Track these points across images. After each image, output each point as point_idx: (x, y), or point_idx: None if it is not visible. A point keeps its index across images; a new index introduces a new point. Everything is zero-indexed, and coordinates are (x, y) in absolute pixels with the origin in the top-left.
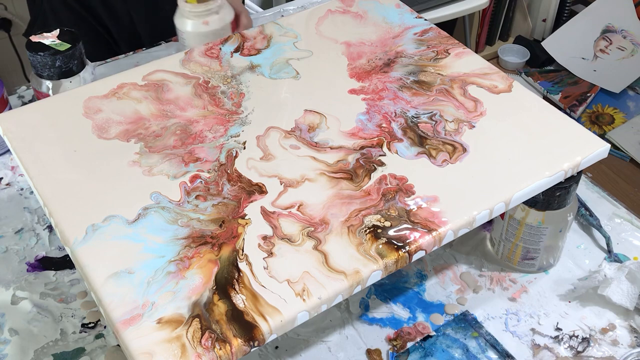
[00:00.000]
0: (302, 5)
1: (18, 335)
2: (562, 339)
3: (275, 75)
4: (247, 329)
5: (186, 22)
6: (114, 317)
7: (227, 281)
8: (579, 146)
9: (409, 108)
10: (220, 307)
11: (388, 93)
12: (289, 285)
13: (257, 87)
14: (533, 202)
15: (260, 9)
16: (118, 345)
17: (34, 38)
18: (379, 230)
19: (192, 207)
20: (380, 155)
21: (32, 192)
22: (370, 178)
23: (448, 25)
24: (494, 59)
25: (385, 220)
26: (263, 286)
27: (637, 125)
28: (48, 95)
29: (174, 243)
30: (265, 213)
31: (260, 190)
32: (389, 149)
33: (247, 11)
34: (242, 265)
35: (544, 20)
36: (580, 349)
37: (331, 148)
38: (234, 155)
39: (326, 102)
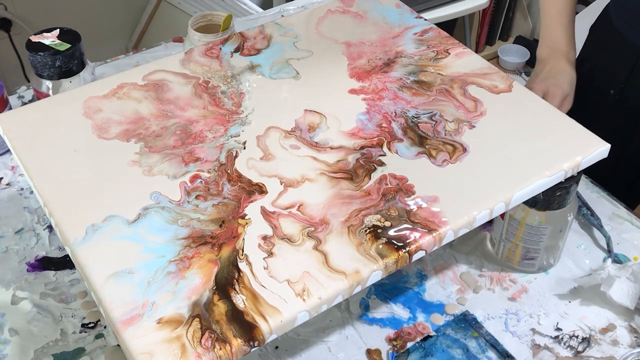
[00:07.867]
0: (302, 5)
1: (18, 335)
2: (562, 339)
3: (275, 75)
4: (247, 329)
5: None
6: (114, 317)
7: (227, 281)
8: (579, 146)
9: (409, 108)
10: (220, 307)
11: (388, 93)
12: (289, 285)
13: (257, 87)
14: (533, 202)
15: (260, 9)
16: (118, 345)
17: (34, 38)
18: (379, 230)
19: (192, 207)
20: (380, 155)
21: (32, 192)
22: (370, 178)
23: (448, 25)
24: (494, 59)
25: (386, 220)
26: (263, 286)
27: None
28: (48, 95)
29: (174, 243)
30: (265, 213)
31: (260, 190)
32: (389, 149)
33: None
34: (242, 265)
35: None
36: (580, 349)
37: (331, 148)
38: (234, 155)
39: (326, 102)
